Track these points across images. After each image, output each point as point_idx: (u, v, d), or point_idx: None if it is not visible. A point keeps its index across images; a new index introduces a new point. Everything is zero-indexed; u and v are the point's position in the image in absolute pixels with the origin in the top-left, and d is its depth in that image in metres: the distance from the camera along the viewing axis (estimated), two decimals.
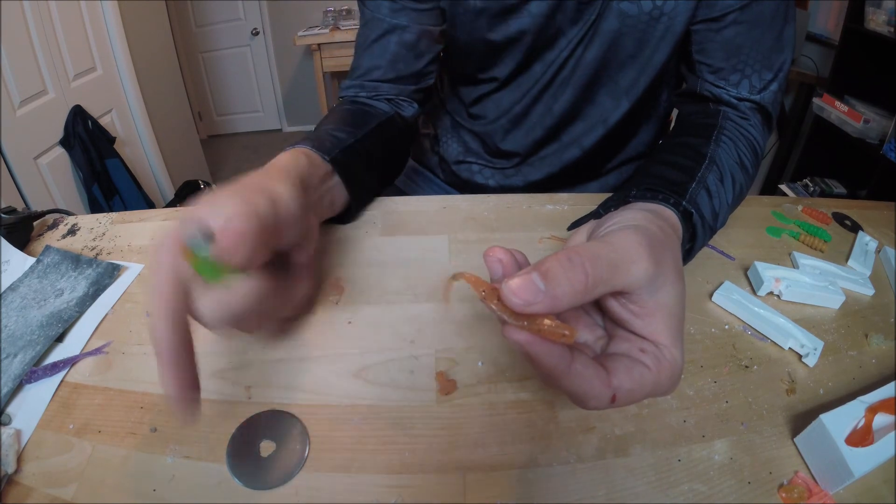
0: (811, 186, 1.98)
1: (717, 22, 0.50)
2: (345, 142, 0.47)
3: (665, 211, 0.35)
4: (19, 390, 0.35)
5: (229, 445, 0.31)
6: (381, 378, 0.36)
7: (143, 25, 2.24)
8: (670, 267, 0.26)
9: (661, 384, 0.25)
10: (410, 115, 0.61)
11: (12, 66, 1.53)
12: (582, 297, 0.22)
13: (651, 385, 0.24)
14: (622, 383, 0.24)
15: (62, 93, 1.77)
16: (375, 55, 0.57)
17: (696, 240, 0.38)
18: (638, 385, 0.24)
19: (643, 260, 0.24)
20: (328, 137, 0.46)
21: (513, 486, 0.29)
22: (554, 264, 0.22)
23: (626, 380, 0.24)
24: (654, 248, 0.25)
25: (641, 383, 0.24)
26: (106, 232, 0.53)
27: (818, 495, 0.28)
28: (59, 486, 0.30)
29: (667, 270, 0.25)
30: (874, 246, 0.49)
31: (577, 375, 0.23)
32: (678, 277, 0.26)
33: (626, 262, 0.24)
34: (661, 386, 0.25)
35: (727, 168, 0.44)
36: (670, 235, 0.30)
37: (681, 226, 0.35)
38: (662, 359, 0.25)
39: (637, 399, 0.25)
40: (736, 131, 0.48)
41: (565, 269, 0.22)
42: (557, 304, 0.22)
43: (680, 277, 0.27)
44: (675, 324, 0.26)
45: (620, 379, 0.24)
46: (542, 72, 0.59)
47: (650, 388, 0.24)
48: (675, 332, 0.25)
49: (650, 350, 0.25)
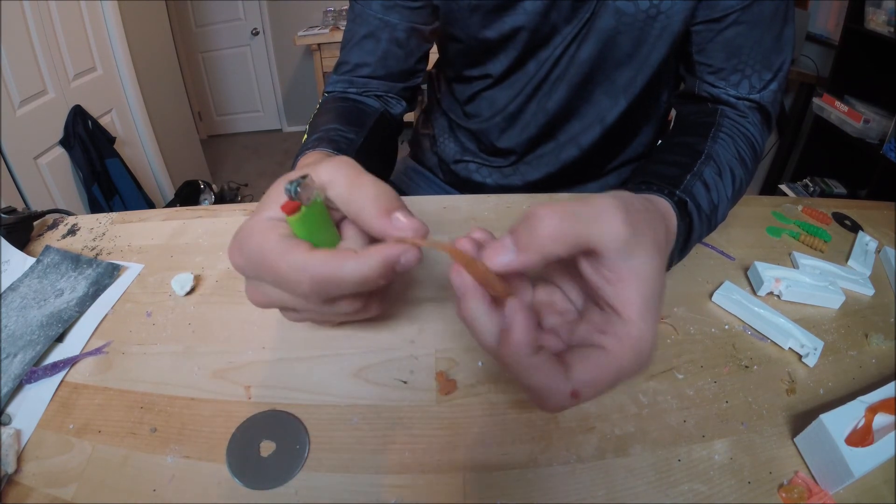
0: (811, 186, 1.98)
1: (718, 22, 0.50)
2: (356, 143, 0.47)
3: (658, 200, 0.35)
4: (19, 390, 0.35)
5: (229, 445, 0.31)
6: (381, 378, 0.36)
7: (143, 25, 2.24)
8: (647, 237, 0.25)
9: (624, 365, 0.24)
10: (398, 112, 0.61)
11: (12, 66, 1.53)
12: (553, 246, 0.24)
13: (614, 368, 0.24)
14: (580, 375, 0.24)
15: (62, 93, 1.77)
16: (365, 51, 0.56)
17: (692, 230, 0.38)
18: (599, 372, 0.24)
19: (617, 220, 0.24)
20: (341, 139, 0.46)
21: (513, 486, 0.29)
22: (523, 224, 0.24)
23: (583, 371, 0.24)
24: (630, 214, 0.25)
25: (602, 369, 0.24)
26: (106, 232, 0.53)
27: (818, 495, 0.28)
28: (59, 486, 0.30)
29: (643, 239, 0.25)
30: (874, 246, 0.49)
31: (536, 368, 0.23)
32: (656, 251, 0.26)
33: (598, 219, 0.24)
34: (625, 366, 0.24)
35: (725, 163, 0.44)
36: (653, 212, 0.29)
37: (675, 215, 0.35)
38: (625, 336, 0.24)
39: (603, 388, 0.24)
40: (734, 128, 0.48)
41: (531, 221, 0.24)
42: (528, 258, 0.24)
43: (658, 252, 0.26)
44: (647, 295, 0.25)
45: (578, 370, 0.24)
46: (535, 69, 0.59)
47: (613, 372, 0.24)
48: (645, 304, 0.25)
49: (612, 330, 0.25)
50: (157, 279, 0.46)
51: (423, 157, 0.80)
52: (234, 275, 0.45)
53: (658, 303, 0.26)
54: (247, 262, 0.27)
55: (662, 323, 0.40)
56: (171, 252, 0.49)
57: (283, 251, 0.26)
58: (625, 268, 0.24)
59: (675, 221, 0.35)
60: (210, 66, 3.52)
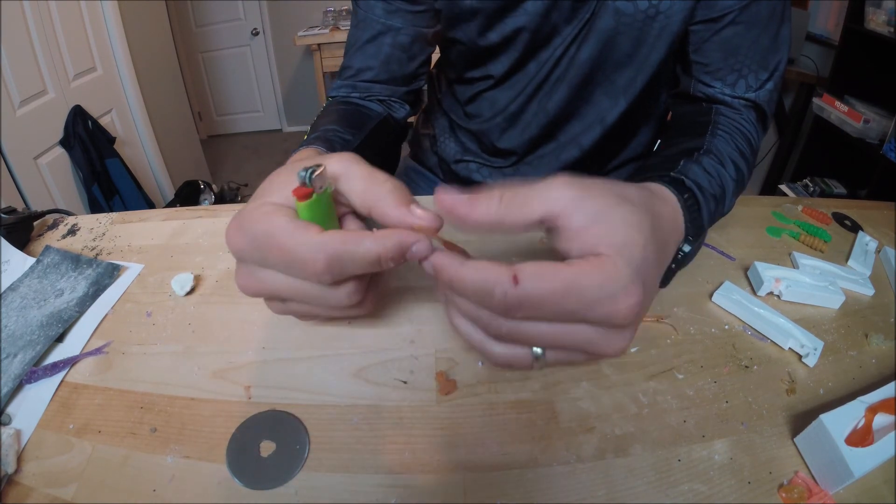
0: (811, 186, 1.98)
1: (716, 22, 0.50)
2: (352, 144, 0.47)
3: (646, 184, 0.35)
4: (19, 390, 0.35)
5: (229, 445, 0.31)
6: (381, 378, 0.36)
7: (143, 25, 2.24)
8: (604, 191, 0.26)
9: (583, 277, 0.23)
10: (402, 116, 0.61)
11: (12, 66, 1.53)
12: (497, 214, 0.25)
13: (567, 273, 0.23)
14: (523, 266, 0.23)
15: (62, 93, 1.77)
16: (368, 56, 0.57)
17: (700, 206, 0.37)
18: (546, 269, 0.23)
19: (561, 186, 0.25)
20: (337, 140, 0.46)
21: (513, 486, 0.29)
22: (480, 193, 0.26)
23: (528, 264, 0.23)
24: (577, 180, 0.26)
25: (552, 269, 0.23)
26: (106, 232, 0.53)
27: (818, 495, 0.28)
28: (59, 486, 0.30)
29: (597, 193, 0.25)
30: (874, 246, 0.49)
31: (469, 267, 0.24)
32: (622, 201, 0.26)
33: (541, 189, 0.25)
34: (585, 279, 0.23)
35: (726, 155, 0.44)
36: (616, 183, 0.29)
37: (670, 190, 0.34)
38: (593, 259, 0.24)
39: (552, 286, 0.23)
40: (730, 125, 0.48)
41: (485, 191, 0.26)
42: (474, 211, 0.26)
43: (628, 202, 0.26)
44: (615, 235, 0.24)
45: (523, 264, 0.23)
46: (536, 70, 0.59)
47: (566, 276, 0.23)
48: (616, 242, 0.24)
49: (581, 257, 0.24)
50: (157, 279, 0.46)
51: (424, 157, 0.80)
52: (234, 275, 0.45)
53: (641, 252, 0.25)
54: (250, 243, 0.27)
55: (662, 323, 0.40)
56: (171, 252, 0.49)
57: (295, 230, 0.26)
58: (581, 220, 0.25)
59: (667, 192, 0.34)
60: (210, 66, 3.51)
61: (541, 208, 0.25)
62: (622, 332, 0.25)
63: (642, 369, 0.36)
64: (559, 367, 0.36)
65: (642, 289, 0.24)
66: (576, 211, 0.25)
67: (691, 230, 0.36)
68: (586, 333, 0.25)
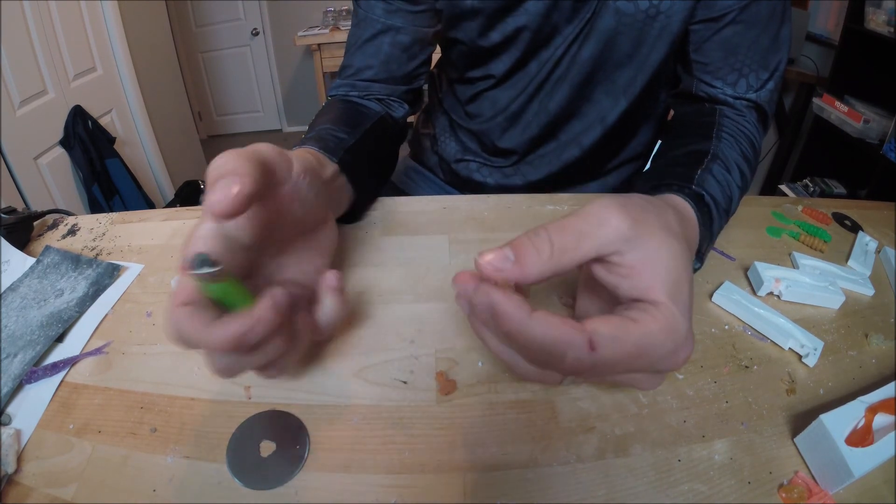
0: (811, 186, 1.98)
1: (716, 22, 0.50)
2: (347, 142, 0.47)
3: (669, 196, 0.35)
4: (19, 390, 0.35)
5: (229, 445, 0.31)
6: (381, 378, 0.36)
7: (143, 25, 2.24)
8: (654, 225, 0.25)
9: (653, 337, 0.23)
10: (401, 115, 0.61)
11: (12, 66, 1.53)
12: (550, 265, 0.23)
13: (638, 332, 0.22)
14: (598, 327, 0.22)
15: (62, 93, 1.78)
16: (368, 55, 0.57)
17: (713, 222, 0.38)
18: (620, 331, 0.22)
19: (613, 219, 0.24)
20: (331, 138, 0.46)
21: (513, 486, 0.29)
22: (523, 237, 0.24)
23: (601, 325, 0.22)
24: (628, 208, 0.24)
25: (624, 330, 0.22)
26: (106, 232, 0.53)
27: (818, 495, 0.28)
28: (59, 486, 0.30)
29: (649, 228, 0.24)
30: (874, 246, 0.49)
31: (539, 322, 0.22)
32: (669, 235, 0.25)
33: (593, 225, 0.24)
34: (655, 339, 0.23)
35: (732, 161, 0.44)
36: (655, 203, 0.28)
37: (691, 207, 0.35)
38: (655, 312, 0.23)
39: (626, 349, 0.22)
40: (734, 128, 0.49)
41: (532, 240, 0.24)
42: (526, 271, 0.23)
43: (673, 236, 0.25)
44: (669, 279, 0.24)
45: (595, 324, 0.22)
46: (537, 69, 0.59)
47: (638, 335, 0.22)
48: (671, 286, 0.24)
49: (640, 307, 0.24)
50: (157, 279, 0.46)
51: (424, 157, 0.80)
52: None
53: (687, 288, 0.25)
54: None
55: None
56: (171, 252, 0.49)
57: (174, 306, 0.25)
58: (636, 257, 0.24)
59: (691, 212, 0.35)
60: (210, 66, 3.51)
61: (595, 248, 0.24)
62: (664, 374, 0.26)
63: None
64: None
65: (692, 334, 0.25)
66: (630, 249, 0.24)
67: (702, 245, 0.37)
68: (635, 378, 0.26)
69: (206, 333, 0.24)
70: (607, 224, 0.24)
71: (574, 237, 0.24)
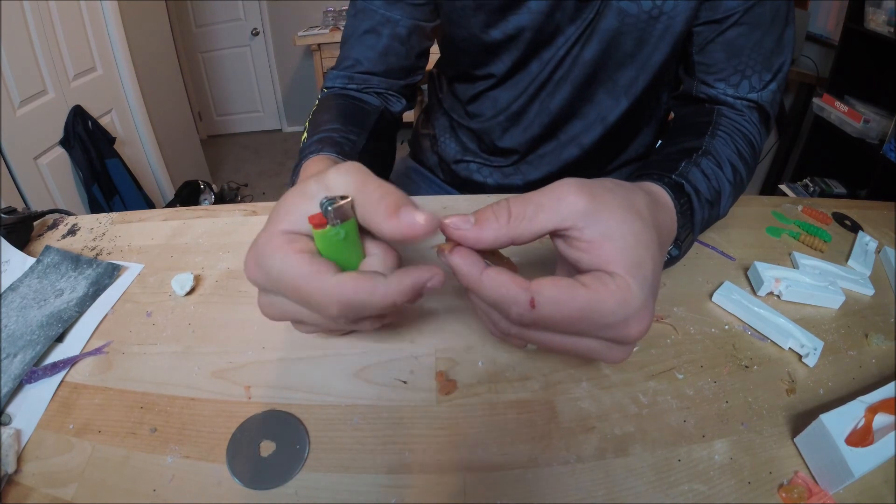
0: (811, 186, 1.98)
1: (720, 23, 0.50)
2: (358, 144, 0.47)
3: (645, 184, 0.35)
4: (19, 390, 0.35)
5: (229, 445, 0.31)
6: (381, 378, 0.36)
7: (143, 25, 2.24)
8: (615, 203, 0.26)
9: (601, 304, 0.23)
10: (398, 110, 0.61)
11: (12, 66, 1.53)
12: (506, 231, 0.25)
13: (584, 300, 0.23)
14: (541, 288, 0.23)
15: (62, 93, 1.77)
16: (366, 47, 0.56)
17: (695, 212, 0.38)
18: (563, 293, 0.23)
19: (571, 195, 0.25)
20: (345, 141, 0.46)
21: (513, 486, 0.29)
22: (485, 207, 0.26)
23: (546, 285, 0.23)
24: (589, 186, 0.26)
25: (569, 293, 0.23)
26: (106, 232, 0.53)
27: (818, 495, 0.28)
28: (59, 486, 0.30)
29: (608, 206, 0.25)
30: (874, 246, 0.49)
31: (489, 278, 0.24)
32: (631, 214, 0.26)
33: (552, 200, 0.25)
34: (603, 306, 0.23)
35: (725, 157, 0.44)
36: (623, 185, 0.29)
37: (668, 195, 0.35)
38: (609, 282, 0.24)
39: (568, 311, 0.23)
40: (731, 126, 0.48)
41: (493, 207, 0.26)
42: (482, 234, 0.25)
43: (636, 216, 0.26)
44: (628, 255, 0.25)
45: (540, 284, 0.24)
46: (539, 69, 0.59)
47: (584, 303, 0.23)
48: (629, 262, 0.24)
49: (594, 275, 0.24)
50: (157, 279, 0.46)
51: (424, 157, 0.80)
52: (233, 275, 0.45)
53: (650, 266, 0.25)
54: (266, 279, 0.27)
55: (662, 323, 0.40)
56: (171, 252, 0.49)
57: (309, 274, 0.25)
58: (595, 233, 0.25)
59: (667, 198, 0.35)
60: (210, 66, 3.51)
61: (552, 221, 0.25)
62: (626, 346, 0.27)
63: (642, 369, 0.36)
64: (559, 366, 0.36)
65: (651, 309, 0.25)
66: (588, 224, 0.25)
67: (682, 234, 0.37)
68: (592, 346, 0.26)
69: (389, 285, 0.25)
70: (565, 199, 0.25)
71: (532, 208, 0.25)
